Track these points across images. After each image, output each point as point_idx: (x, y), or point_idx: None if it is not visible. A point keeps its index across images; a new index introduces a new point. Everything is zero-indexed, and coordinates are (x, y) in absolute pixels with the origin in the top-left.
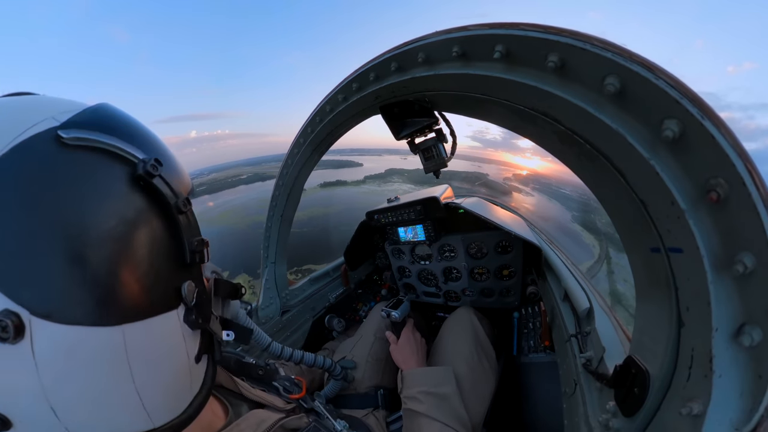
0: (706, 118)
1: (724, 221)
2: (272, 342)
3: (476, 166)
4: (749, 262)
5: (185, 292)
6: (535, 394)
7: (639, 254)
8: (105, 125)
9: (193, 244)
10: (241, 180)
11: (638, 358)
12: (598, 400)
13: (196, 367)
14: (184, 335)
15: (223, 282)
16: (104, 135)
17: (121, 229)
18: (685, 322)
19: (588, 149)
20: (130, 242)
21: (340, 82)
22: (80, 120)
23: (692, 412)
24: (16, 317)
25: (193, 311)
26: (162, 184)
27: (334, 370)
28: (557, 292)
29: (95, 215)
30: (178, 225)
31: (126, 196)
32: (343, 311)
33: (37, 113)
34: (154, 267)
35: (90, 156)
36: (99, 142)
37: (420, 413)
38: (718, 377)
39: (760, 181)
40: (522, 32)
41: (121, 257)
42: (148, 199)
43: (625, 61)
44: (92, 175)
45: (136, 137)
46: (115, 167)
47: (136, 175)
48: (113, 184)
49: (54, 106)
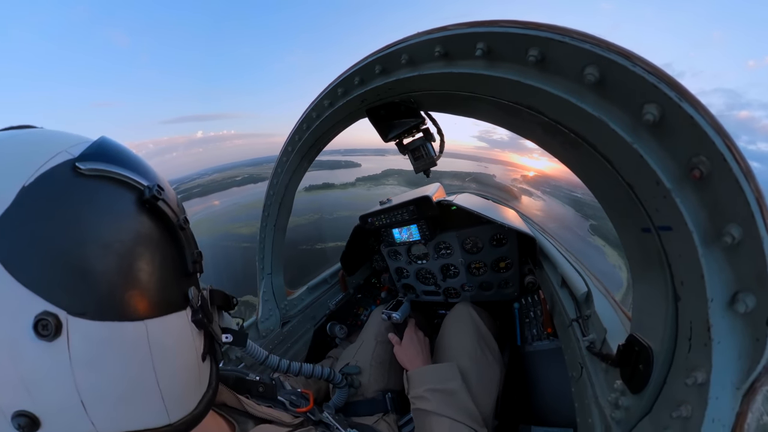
0: (684, 100)
1: (709, 196)
2: (269, 355)
3: (482, 167)
4: (736, 232)
5: (191, 295)
6: (543, 381)
7: (631, 235)
8: (112, 157)
9: (193, 256)
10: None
11: (640, 336)
12: (605, 381)
13: (203, 366)
14: (192, 333)
15: (217, 292)
16: (113, 166)
17: (137, 242)
18: (681, 296)
19: (573, 138)
20: (146, 252)
21: (325, 88)
22: (91, 153)
23: (697, 381)
24: (54, 317)
25: (198, 312)
26: (165, 207)
27: (334, 378)
28: (555, 280)
29: (115, 231)
30: (181, 240)
31: (137, 216)
32: (344, 317)
33: (51, 147)
34: (165, 273)
35: (103, 184)
36: (110, 172)
37: (429, 411)
38: (717, 344)
39: (740, 155)
40: (501, 29)
41: (140, 264)
42: (155, 219)
43: (603, 51)
44: (107, 199)
45: (138, 167)
46: (124, 192)
47: (144, 199)
48: (125, 206)
49: (64, 140)
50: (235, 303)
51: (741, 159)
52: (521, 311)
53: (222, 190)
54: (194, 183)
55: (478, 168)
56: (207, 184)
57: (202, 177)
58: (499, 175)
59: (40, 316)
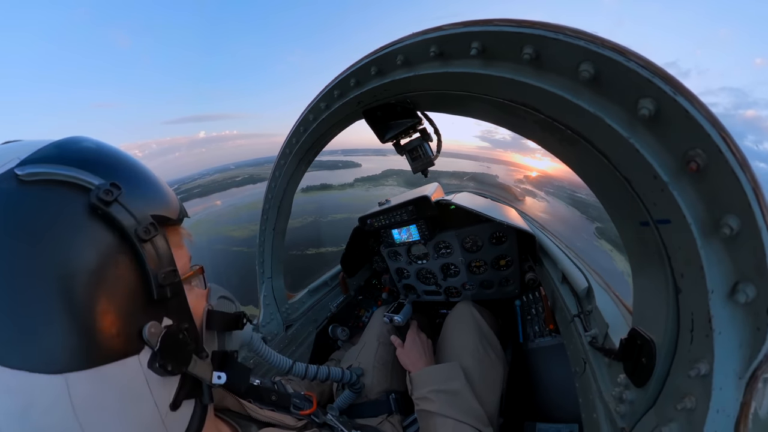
0: (679, 93)
1: (706, 188)
2: (294, 363)
3: (485, 167)
4: (734, 223)
5: (146, 335)
6: (547, 378)
7: (629, 229)
8: (63, 157)
9: (159, 277)
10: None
11: (642, 329)
12: (609, 375)
13: (172, 415)
14: (149, 383)
15: (218, 315)
16: (60, 166)
17: (70, 265)
18: (681, 289)
19: (569, 134)
20: (78, 280)
21: (321, 90)
22: (39, 156)
23: (700, 373)
24: None
25: (159, 356)
26: (120, 211)
27: (353, 381)
28: (555, 276)
29: (41, 251)
30: (140, 256)
31: (80, 228)
32: (346, 319)
33: (5, 157)
34: (108, 308)
35: (45, 189)
36: (53, 174)
37: (433, 413)
38: (718, 335)
39: (735, 147)
40: (496, 28)
41: (65, 297)
42: (105, 230)
43: (598, 48)
44: (44, 209)
45: (95, 164)
46: (71, 197)
47: (90, 204)
48: (66, 215)
49: (23, 148)
50: (244, 322)
51: (737, 150)
52: (523, 308)
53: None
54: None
55: (480, 168)
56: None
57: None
58: (501, 176)
59: None
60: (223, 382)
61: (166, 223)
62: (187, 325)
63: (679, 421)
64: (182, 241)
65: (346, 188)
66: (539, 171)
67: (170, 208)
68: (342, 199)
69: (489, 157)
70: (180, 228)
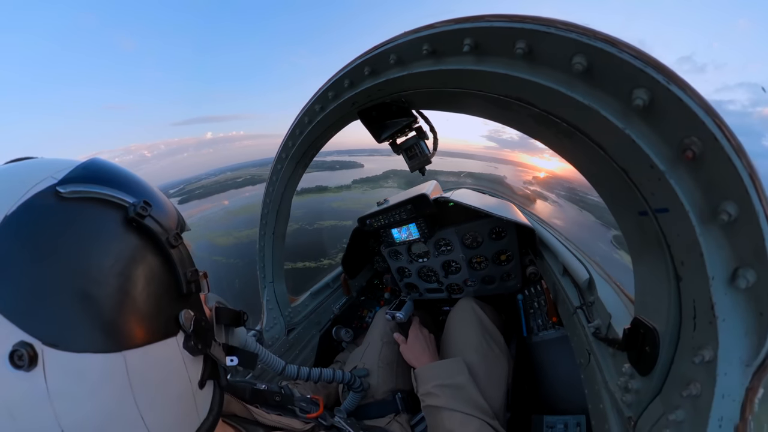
0: (672, 82)
1: (703, 176)
2: (287, 365)
3: (492, 167)
4: (732, 210)
5: (182, 319)
6: (552, 371)
7: (628, 219)
8: (96, 177)
9: (187, 275)
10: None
11: (644, 318)
12: (614, 365)
13: (200, 393)
14: (185, 361)
15: (224, 310)
16: (96, 185)
17: (118, 265)
18: (682, 276)
19: (565, 127)
20: (127, 277)
21: (316, 92)
22: (74, 175)
23: (704, 359)
24: (30, 347)
25: (192, 338)
26: (153, 223)
27: (354, 383)
28: (556, 268)
29: (93, 255)
30: (171, 258)
31: (121, 237)
32: (350, 321)
33: (37, 174)
34: (151, 298)
35: (85, 205)
36: (92, 192)
37: (439, 407)
38: (722, 321)
39: (731, 133)
40: (487, 23)
41: (118, 290)
42: (142, 238)
43: (590, 40)
44: (89, 221)
45: (124, 184)
46: (108, 212)
47: (128, 218)
48: (108, 226)
49: (51, 166)
50: (245, 319)
51: (732, 137)
52: (525, 302)
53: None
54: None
55: (487, 168)
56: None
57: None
58: (510, 177)
59: (16, 347)
60: (235, 364)
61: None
62: (204, 317)
63: (685, 408)
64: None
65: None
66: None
67: (180, 221)
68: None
69: (496, 157)
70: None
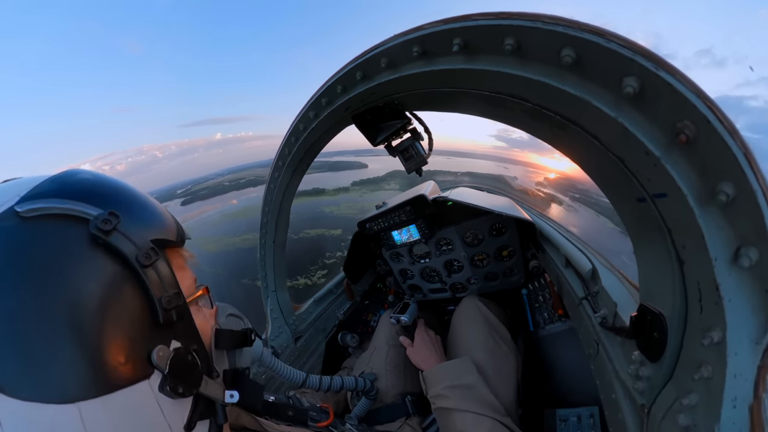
0: (661, 68)
1: (698, 158)
2: (308, 376)
3: (502, 168)
4: (729, 190)
5: (155, 359)
6: (561, 363)
7: (627, 207)
8: (60, 190)
9: (164, 301)
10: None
11: (650, 305)
12: (623, 354)
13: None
14: (161, 406)
15: (226, 333)
16: (58, 200)
17: (71, 296)
18: (684, 260)
19: (558, 120)
20: (81, 310)
21: (309, 99)
22: (36, 192)
23: (713, 341)
24: None
25: (169, 379)
26: (120, 239)
27: (371, 390)
28: (558, 261)
29: (45, 284)
30: (143, 282)
31: (80, 259)
32: (355, 326)
33: (5, 195)
34: (115, 335)
35: (46, 224)
36: (52, 208)
37: (450, 409)
38: (728, 302)
39: (722, 115)
40: (475, 22)
41: (73, 328)
42: (106, 258)
43: (576, 32)
44: (47, 243)
45: (92, 194)
46: (68, 230)
47: (90, 234)
48: (67, 248)
49: (23, 185)
50: (253, 338)
51: (724, 118)
52: (530, 297)
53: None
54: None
55: (497, 169)
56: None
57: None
58: (520, 177)
59: None
60: (236, 401)
61: (167, 246)
62: (196, 347)
63: (698, 391)
64: (185, 263)
65: (340, 193)
66: (558, 172)
67: (169, 231)
68: (327, 209)
69: (506, 157)
70: (182, 250)
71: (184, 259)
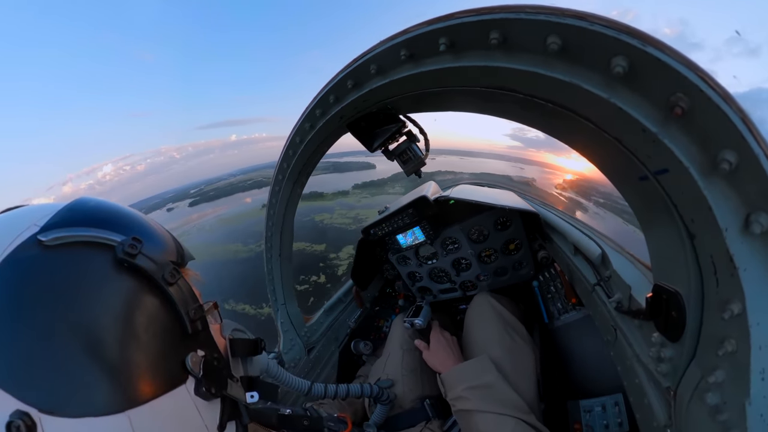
0: (648, 44)
1: (696, 130)
2: (313, 384)
3: (518, 168)
4: (731, 157)
5: (190, 364)
6: (580, 353)
7: (630, 187)
8: (80, 219)
9: (191, 313)
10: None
11: (665, 284)
12: (642, 337)
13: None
14: (198, 408)
15: (239, 342)
16: (80, 228)
17: (111, 316)
18: (695, 234)
19: (551, 108)
20: (122, 328)
21: (303, 111)
22: (57, 220)
23: (734, 313)
24: (27, 417)
25: (203, 382)
26: (145, 261)
27: (381, 395)
28: (567, 249)
29: (83, 308)
30: (171, 298)
31: (111, 282)
32: (367, 333)
33: (19, 224)
34: (152, 347)
35: (71, 251)
36: (76, 236)
37: (471, 411)
38: (743, 271)
39: (715, 83)
40: (459, 20)
41: (114, 344)
42: (135, 279)
43: (559, 18)
44: (75, 269)
45: (112, 221)
46: (96, 256)
47: (117, 258)
48: (96, 272)
49: (35, 213)
50: (263, 346)
51: (717, 86)
52: (541, 288)
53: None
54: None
55: (512, 170)
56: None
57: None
58: (538, 179)
59: (12, 417)
60: (256, 400)
61: (179, 266)
62: (216, 354)
63: (723, 367)
64: (191, 281)
65: (338, 197)
66: (576, 173)
67: (178, 252)
68: (318, 217)
69: (521, 158)
70: (187, 269)
71: (189, 278)
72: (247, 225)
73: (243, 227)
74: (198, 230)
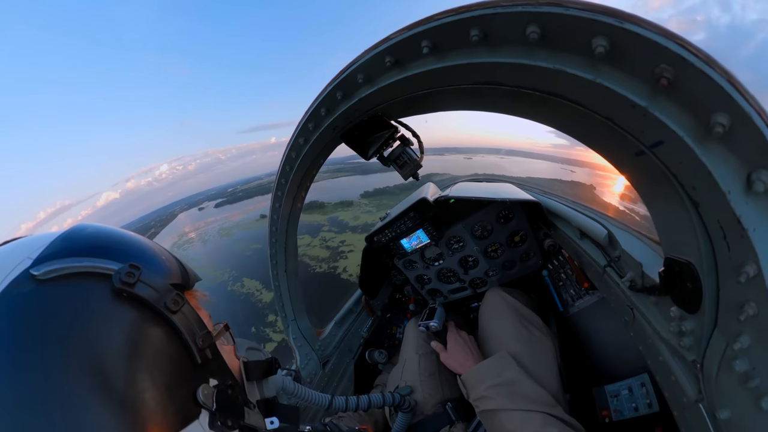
0: (625, 21)
1: (685, 98)
2: (333, 398)
3: (566, 171)
4: (724, 120)
5: (201, 398)
6: (599, 337)
7: (628, 164)
8: (74, 248)
9: (198, 342)
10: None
11: (676, 256)
12: (660, 313)
13: None
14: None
15: (254, 364)
16: (75, 258)
17: (111, 354)
18: (698, 201)
19: (539, 96)
20: (124, 367)
21: (296, 126)
22: (50, 252)
23: (750, 276)
24: None
25: (218, 415)
26: (145, 289)
27: (403, 404)
28: (572, 234)
29: (81, 346)
30: (175, 327)
31: (110, 315)
32: (381, 341)
33: (12, 259)
34: (159, 383)
35: (66, 284)
36: (70, 268)
37: (496, 410)
38: (753, 231)
39: (696, 49)
40: (438, 22)
41: (118, 384)
42: (135, 310)
43: (536, 8)
44: (70, 304)
45: (107, 249)
46: (93, 287)
47: (115, 289)
48: (94, 306)
49: (30, 246)
50: (277, 366)
51: (698, 51)
52: (552, 276)
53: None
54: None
55: (558, 172)
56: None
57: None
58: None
59: None
60: (276, 426)
61: (183, 289)
62: (231, 381)
63: (747, 332)
64: (199, 302)
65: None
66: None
67: (181, 275)
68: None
69: (567, 158)
70: (194, 291)
71: (197, 300)
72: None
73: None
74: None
